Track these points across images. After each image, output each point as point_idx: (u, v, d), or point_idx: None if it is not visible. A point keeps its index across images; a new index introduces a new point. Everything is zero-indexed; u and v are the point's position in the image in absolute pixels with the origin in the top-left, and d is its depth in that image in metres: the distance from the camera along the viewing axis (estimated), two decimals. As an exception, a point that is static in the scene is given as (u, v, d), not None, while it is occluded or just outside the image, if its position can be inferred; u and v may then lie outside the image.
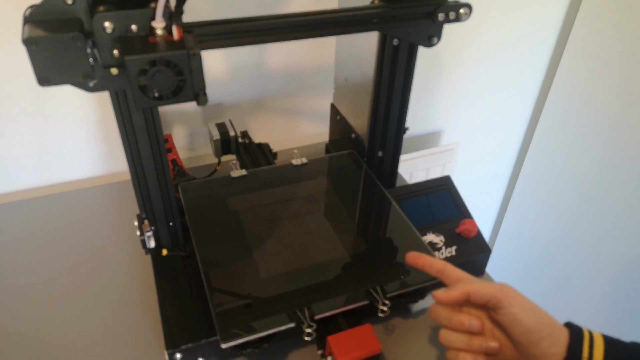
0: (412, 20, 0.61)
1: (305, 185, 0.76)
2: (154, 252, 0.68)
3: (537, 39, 1.19)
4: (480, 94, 1.21)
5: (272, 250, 0.64)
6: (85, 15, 0.47)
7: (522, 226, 1.45)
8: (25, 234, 0.78)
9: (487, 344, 0.50)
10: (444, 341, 0.52)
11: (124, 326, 0.65)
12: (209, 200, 0.72)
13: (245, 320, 0.55)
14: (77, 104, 0.84)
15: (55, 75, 0.47)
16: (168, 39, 0.48)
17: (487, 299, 0.49)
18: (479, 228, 0.72)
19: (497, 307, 0.49)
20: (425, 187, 0.77)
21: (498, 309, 0.49)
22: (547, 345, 0.47)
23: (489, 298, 0.49)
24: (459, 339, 0.51)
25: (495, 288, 0.49)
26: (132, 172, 0.61)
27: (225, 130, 0.83)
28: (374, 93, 0.72)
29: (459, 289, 0.51)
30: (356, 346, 0.56)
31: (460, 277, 0.53)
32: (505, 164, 1.44)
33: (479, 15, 1.01)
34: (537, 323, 0.48)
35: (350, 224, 0.70)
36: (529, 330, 0.48)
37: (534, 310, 0.49)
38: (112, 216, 0.82)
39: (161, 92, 0.47)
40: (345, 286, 0.60)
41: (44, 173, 0.90)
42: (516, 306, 0.48)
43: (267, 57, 0.94)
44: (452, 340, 0.52)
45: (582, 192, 1.24)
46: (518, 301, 0.49)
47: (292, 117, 1.05)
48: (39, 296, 0.69)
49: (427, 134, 1.23)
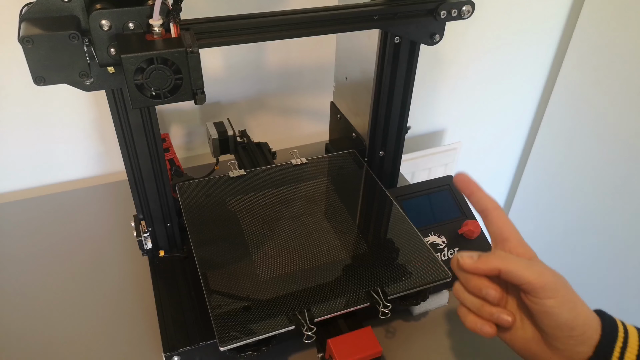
0: (414, 17, 0.61)
1: (305, 186, 0.75)
2: (151, 253, 0.67)
3: (540, 38, 1.19)
4: (482, 92, 1.21)
5: (271, 251, 0.64)
6: (81, 13, 0.47)
7: (525, 226, 1.44)
8: (21, 235, 0.77)
9: (498, 315, 0.46)
10: (456, 294, 0.48)
11: (121, 329, 0.64)
12: (207, 200, 0.71)
13: (244, 323, 0.54)
14: (74, 103, 0.84)
15: (52, 74, 0.47)
16: (165, 36, 0.47)
17: (522, 283, 0.44)
18: (482, 229, 0.71)
19: (531, 294, 0.44)
20: (427, 187, 0.77)
21: (531, 296, 0.44)
22: (574, 343, 0.43)
23: (523, 282, 0.44)
24: (471, 299, 0.47)
25: (534, 273, 0.44)
26: (129, 172, 0.60)
27: (223, 129, 0.83)
28: (374, 91, 0.71)
29: (489, 263, 0.45)
30: (357, 349, 0.55)
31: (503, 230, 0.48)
32: (508, 163, 1.43)
33: (482, 13, 1.00)
34: (570, 320, 0.43)
35: (351, 224, 0.69)
36: (559, 325, 0.43)
37: (572, 305, 0.44)
38: (108, 217, 0.81)
39: (158, 91, 0.47)
40: (345, 288, 0.59)
41: (40, 173, 0.89)
42: (553, 299, 0.43)
43: (266, 55, 0.93)
44: (463, 298, 0.48)
45: (586, 191, 1.23)
46: (557, 293, 0.43)
47: (292, 116, 1.04)
48: (34, 298, 0.68)
49: (429, 133, 1.22)
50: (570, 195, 1.27)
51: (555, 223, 1.34)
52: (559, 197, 1.31)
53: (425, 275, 0.60)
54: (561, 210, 1.31)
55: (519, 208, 1.45)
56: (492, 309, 0.46)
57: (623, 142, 1.11)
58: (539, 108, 1.32)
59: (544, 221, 1.37)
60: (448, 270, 0.61)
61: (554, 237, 1.35)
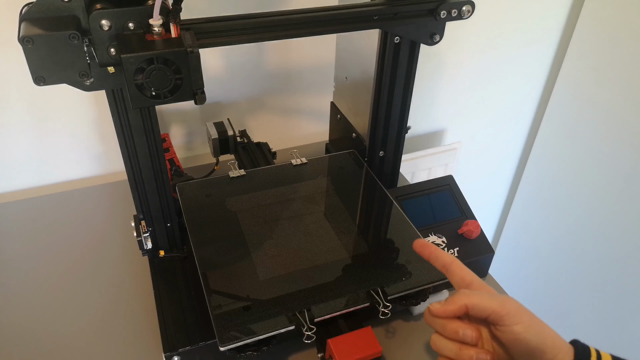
0: (414, 17, 0.61)
1: (305, 186, 0.75)
2: (151, 253, 0.67)
3: (541, 37, 1.18)
4: (483, 92, 1.21)
5: (271, 251, 0.63)
6: (82, 13, 0.47)
7: (526, 226, 1.44)
8: (21, 235, 0.77)
9: (477, 356, 0.47)
10: (434, 346, 0.50)
11: (121, 329, 0.64)
12: (207, 200, 0.71)
13: (244, 323, 0.54)
14: (74, 103, 0.84)
15: (52, 74, 0.47)
16: (166, 36, 0.47)
17: (488, 314, 0.46)
18: (481, 229, 0.71)
19: (498, 324, 0.46)
20: (427, 187, 0.77)
21: (499, 325, 0.46)
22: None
23: (489, 313, 0.46)
24: (449, 346, 0.48)
25: (497, 303, 0.46)
26: (129, 172, 0.60)
27: (223, 129, 0.83)
28: (375, 91, 0.71)
29: (456, 302, 0.47)
30: (357, 349, 0.55)
31: (464, 277, 0.51)
32: (509, 163, 1.43)
33: (482, 13, 1.00)
34: (540, 344, 0.45)
35: (351, 224, 0.69)
36: (530, 350, 0.45)
37: (539, 329, 0.46)
38: (108, 217, 0.81)
39: (158, 91, 0.47)
40: (345, 288, 0.59)
41: (40, 173, 0.89)
42: (519, 324, 0.45)
43: (266, 55, 0.93)
44: (441, 347, 0.49)
45: (586, 191, 1.23)
46: (522, 318, 0.45)
47: (292, 116, 1.04)
48: (34, 298, 0.68)
49: (429, 133, 1.22)
50: (570, 195, 1.27)
51: (555, 222, 1.34)
52: (560, 197, 1.31)
53: (425, 275, 0.60)
54: (561, 210, 1.31)
55: (519, 208, 1.45)
56: (471, 351, 0.47)
57: (625, 142, 1.11)
58: (539, 107, 1.32)
59: (544, 221, 1.37)
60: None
61: (554, 237, 1.35)
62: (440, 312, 0.48)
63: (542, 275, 1.42)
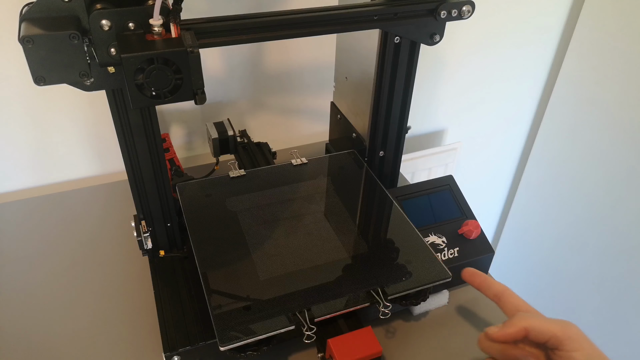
0: (414, 17, 0.61)
1: (305, 186, 0.75)
2: (151, 253, 0.67)
3: (541, 37, 1.19)
4: (483, 92, 1.21)
5: (272, 251, 0.63)
6: (82, 12, 0.47)
7: (526, 226, 1.44)
8: (20, 235, 0.77)
9: None
10: None
11: (121, 329, 0.64)
12: (207, 200, 0.71)
13: (244, 323, 0.54)
14: (74, 103, 0.84)
15: (52, 74, 0.47)
16: (166, 36, 0.47)
17: (548, 338, 0.44)
18: (482, 229, 0.71)
19: (557, 349, 0.44)
20: (427, 187, 0.77)
21: (558, 350, 0.44)
22: None
23: (549, 337, 0.44)
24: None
25: (558, 327, 0.45)
26: (129, 172, 0.60)
27: (223, 129, 0.83)
28: (375, 91, 0.71)
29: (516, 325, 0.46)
30: (357, 349, 0.55)
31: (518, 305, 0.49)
32: (509, 163, 1.43)
33: (482, 13, 1.00)
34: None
35: (351, 224, 0.69)
36: None
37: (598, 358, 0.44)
38: (108, 217, 0.81)
39: (158, 91, 0.47)
40: (345, 288, 0.59)
41: (40, 173, 0.89)
42: (579, 351, 0.43)
43: (266, 55, 0.93)
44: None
45: (586, 191, 1.23)
46: (582, 345, 0.44)
47: (292, 116, 1.04)
48: (34, 298, 0.68)
49: (429, 133, 1.22)
50: (570, 195, 1.27)
51: (555, 222, 1.34)
52: (560, 197, 1.31)
53: (425, 275, 0.60)
54: (561, 209, 1.31)
55: (519, 207, 1.45)
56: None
57: (624, 141, 1.11)
58: (539, 107, 1.32)
59: (544, 220, 1.37)
60: (448, 270, 0.61)
61: (554, 237, 1.35)
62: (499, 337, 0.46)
63: (542, 276, 1.42)
